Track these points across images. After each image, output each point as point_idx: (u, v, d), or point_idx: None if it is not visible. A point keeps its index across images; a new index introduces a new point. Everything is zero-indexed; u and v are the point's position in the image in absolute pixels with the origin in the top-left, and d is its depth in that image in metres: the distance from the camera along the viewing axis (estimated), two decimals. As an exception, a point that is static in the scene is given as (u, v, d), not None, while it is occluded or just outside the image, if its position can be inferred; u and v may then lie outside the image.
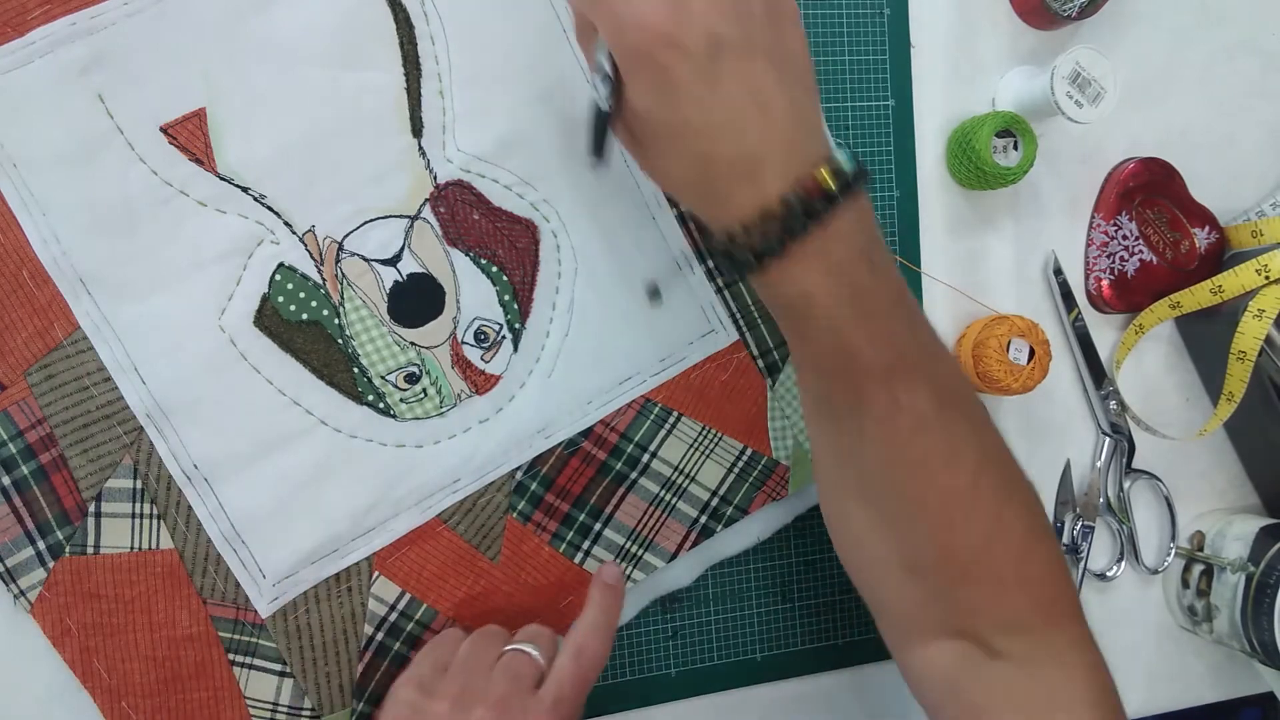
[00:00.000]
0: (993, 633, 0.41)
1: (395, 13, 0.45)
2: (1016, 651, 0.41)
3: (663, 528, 0.52)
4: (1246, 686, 0.65)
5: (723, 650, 0.55)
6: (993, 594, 0.41)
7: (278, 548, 0.47)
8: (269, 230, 0.45)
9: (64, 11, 0.42)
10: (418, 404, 0.48)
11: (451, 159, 0.47)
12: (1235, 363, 0.56)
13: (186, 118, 0.44)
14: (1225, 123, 0.61)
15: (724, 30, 0.35)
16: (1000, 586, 0.41)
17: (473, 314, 0.48)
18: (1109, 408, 0.60)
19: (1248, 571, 0.57)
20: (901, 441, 0.40)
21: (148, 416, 0.45)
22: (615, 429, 0.50)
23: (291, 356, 0.46)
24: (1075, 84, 0.53)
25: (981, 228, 0.58)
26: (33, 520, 0.44)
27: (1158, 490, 0.62)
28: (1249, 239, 0.59)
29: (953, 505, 0.40)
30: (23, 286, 0.43)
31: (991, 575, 0.41)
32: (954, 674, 0.42)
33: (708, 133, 0.36)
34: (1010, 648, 0.41)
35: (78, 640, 0.45)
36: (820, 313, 0.38)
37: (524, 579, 0.50)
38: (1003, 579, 0.41)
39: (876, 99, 0.55)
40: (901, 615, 0.44)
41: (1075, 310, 0.59)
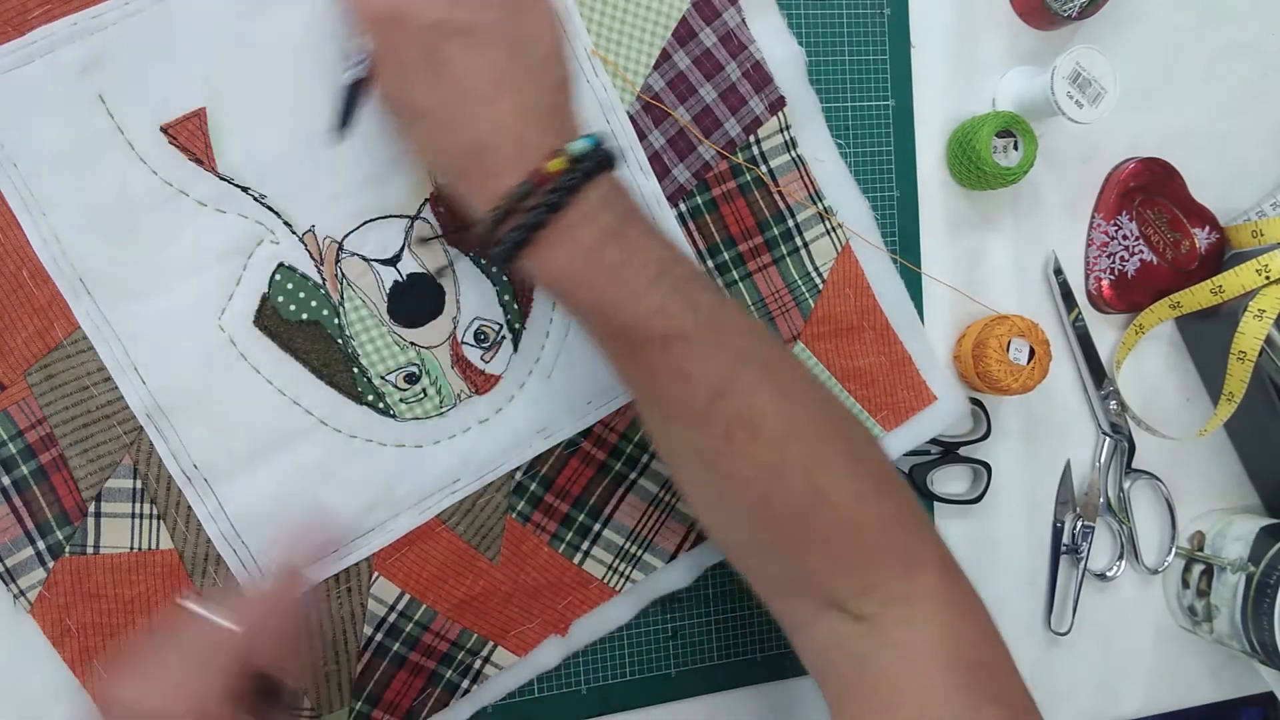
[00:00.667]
0: (849, 597, 0.40)
1: (395, 13, 0.45)
2: (872, 613, 0.39)
3: (662, 528, 0.52)
4: (1246, 686, 0.65)
5: (723, 650, 0.55)
6: (828, 560, 0.40)
7: (278, 548, 0.47)
8: (269, 230, 0.45)
9: (64, 11, 0.42)
10: (417, 404, 0.48)
11: (451, 159, 0.47)
12: (1235, 363, 0.56)
13: (186, 118, 0.44)
14: (1225, 123, 0.61)
15: (449, 15, 0.36)
16: (831, 552, 0.40)
17: (473, 314, 0.48)
18: (1109, 408, 0.60)
19: (1248, 571, 0.57)
20: (700, 415, 0.38)
21: (147, 416, 0.45)
22: (615, 429, 0.50)
23: (291, 356, 0.46)
24: (1075, 84, 0.53)
25: (981, 228, 0.58)
26: (32, 520, 0.44)
27: (1158, 490, 0.62)
28: (1249, 239, 0.59)
29: (767, 479, 0.39)
30: (23, 286, 0.43)
31: (820, 542, 0.40)
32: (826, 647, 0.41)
33: (436, 118, 0.37)
34: (868, 610, 0.39)
35: (77, 640, 0.45)
36: (583, 295, 0.38)
37: (523, 579, 0.50)
38: (831, 544, 0.39)
39: (876, 99, 0.55)
40: (772, 593, 0.43)
41: (1075, 310, 0.59)
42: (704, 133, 0.50)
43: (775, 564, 0.42)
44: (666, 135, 0.49)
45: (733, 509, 0.41)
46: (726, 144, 0.50)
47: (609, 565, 0.51)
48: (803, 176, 0.52)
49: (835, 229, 0.53)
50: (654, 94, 0.49)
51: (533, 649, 0.51)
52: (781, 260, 0.52)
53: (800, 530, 0.39)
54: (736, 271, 0.51)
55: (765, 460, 0.39)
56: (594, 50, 0.48)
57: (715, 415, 0.38)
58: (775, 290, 0.52)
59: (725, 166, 0.50)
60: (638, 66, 0.48)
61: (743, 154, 0.51)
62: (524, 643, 0.50)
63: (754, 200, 0.51)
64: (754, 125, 0.51)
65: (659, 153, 0.49)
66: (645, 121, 0.49)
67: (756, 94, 0.50)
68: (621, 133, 0.49)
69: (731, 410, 0.38)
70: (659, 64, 0.49)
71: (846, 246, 0.53)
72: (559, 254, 0.37)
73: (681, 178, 0.50)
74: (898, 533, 0.40)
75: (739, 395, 0.38)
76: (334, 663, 0.48)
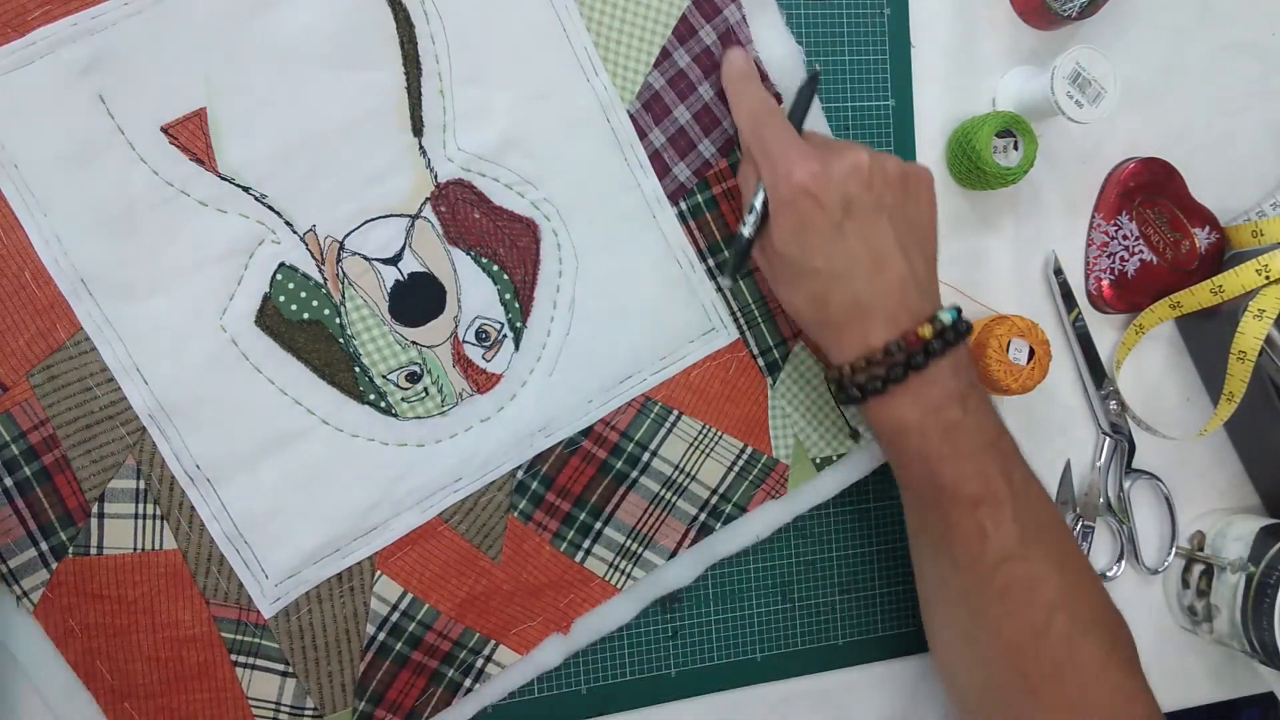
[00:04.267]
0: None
1: (395, 12, 0.45)
2: None
3: (663, 526, 0.52)
4: (1246, 686, 0.65)
5: (723, 650, 0.55)
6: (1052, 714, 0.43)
7: (280, 547, 0.47)
8: (270, 230, 0.45)
9: (64, 12, 0.42)
10: (419, 403, 0.48)
11: (452, 158, 0.47)
12: (1235, 363, 0.56)
13: (187, 118, 0.44)
14: (1225, 123, 0.61)
15: (856, 193, 0.42)
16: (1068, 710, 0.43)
17: (474, 313, 0.48)
18: (1109, 408, 0.60)
19: (1248, 571, 0.57)
20: (986, 571, 0.43)
21: (150, 417, 0.45)
22: (616, 428, 0.51)
23: (293, 356, 0.46)
24: (1075, 84, 0.53)
25: (981, 228, 0.58)
26: (35, 521, 0.44)
27: (1158, 490, 0.62)
28: (1249, 239, 0.59)
29: (1025, 634, 0.43)
30: (25, 288, 0.43)
31: (1059, 699, 0.43)
32: None
33: (828, 277, 0.43)
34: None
35: (81, 641, 0.45)
36: (913, 444, 0.43)
37: (525, 578, 0.50)
38: (1070, 703, 0.43)
39: (876, 99, 0.55)
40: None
41: (1075, 310, 0.59)
42: (703, 131, 0.50)
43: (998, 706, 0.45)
44: (667, 134, 0.49)
45: (982, 650, 0.45)
46: (725, 142, 0.50)
47: (610, 563, 0.51)
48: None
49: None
50: (654, 92, 0.49)
51: (535, 647, 0.51)
52: (782, 260, 0.52)
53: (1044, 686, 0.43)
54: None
55: (1032, 622, 0.43)
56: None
57: (999, 574, 0.43)
58: (776, 290, 0.52)
59: (725, 164, 0.50)
60: (638, 65, 0.48)
61: (741, 153, 0.51)
62: (526, 641, 0.51)
63: (755, 200, 0.51)
64: (754, 125, 0.51)
65: (659, 151, 0.49)
66: (645, 120, 0.49)
67: (757, 93, 0.50)
68: (621, 131, 0.49)
69: (1014, 573, 0.43)
70: (659, 62, 0.49)
71: (847, 246, 0.53)
72: (907, 406, 0.43)
73: (682, 176, 0.50)
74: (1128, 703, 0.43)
75: (1025, 563, 0.43)
76: (337, 662, 0.48)
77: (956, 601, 0.46)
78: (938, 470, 0.43)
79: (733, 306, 0.51)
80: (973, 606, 0.45)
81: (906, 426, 0.43)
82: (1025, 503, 0.44)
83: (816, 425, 0.53)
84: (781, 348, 0.52)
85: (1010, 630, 0.44)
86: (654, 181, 0.50)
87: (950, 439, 0.43)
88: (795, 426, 0.53)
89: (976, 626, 0.45)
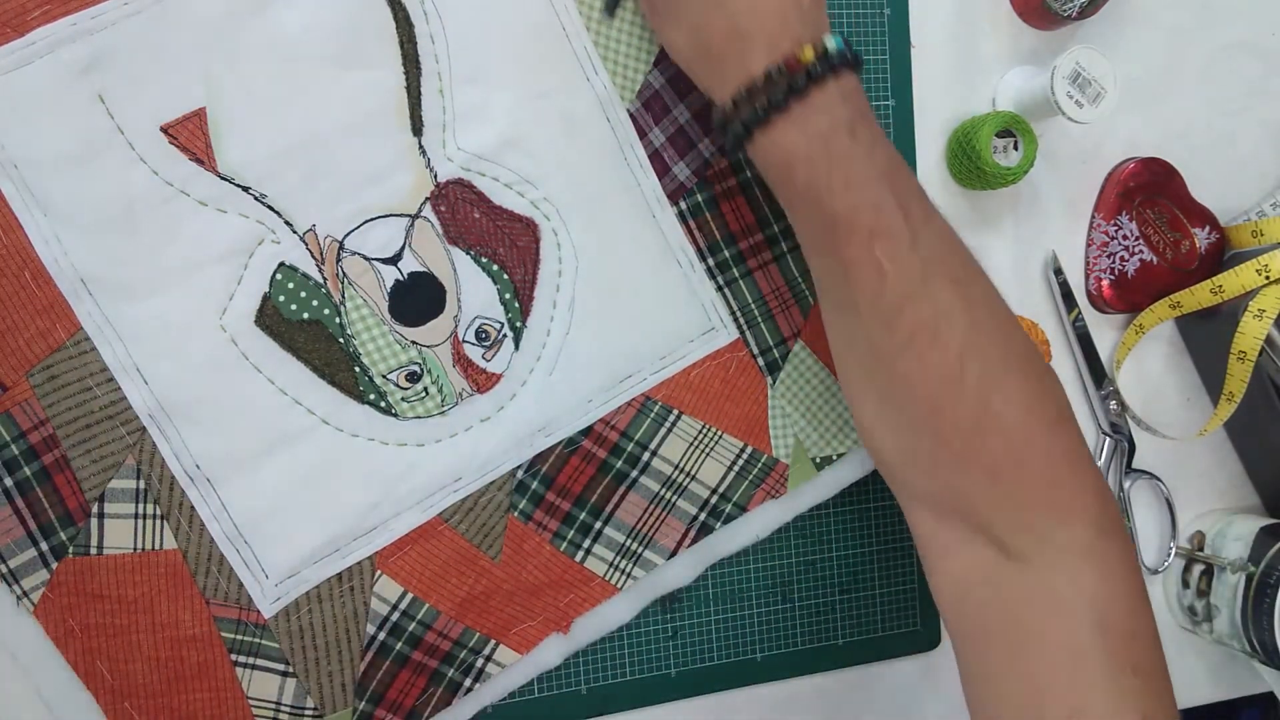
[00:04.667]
0: (1006, 531, 0.40)
1: (395, 12, 0.45)
2: (1026, 553, 0.39)
3: (663, 525, 0.52)
4: (1246, 686, 0.65)
5: (723, 650, 0.55)
6: (990, 485, 0.40)
7: (280, 547, 0.47)
8: (270, 230, 0.45)
9: (64, 12, 0.42)
10: (419, 403, 0.48)
11: (452, 157, 0.47)
12: (1235, 363, 0.56)
13: (187, 117, 0.44)
14: (1225, 123, 0.61)
15: None
16: (995, 478, 0.40)
17: (474, 312, 0.48)
18: (1109, 408, 0.60)
19: (1248, 571, 0.57)
20: (889, 314, 0.40)
21: (150, 417, 0.45)
22: (616, 427, 0.51)
23: (293, 356, 0.46)
24: (1075, 84, 0.53)
25: (981, 228, 0.58)
26: (35, 521, 0.44)
27: (1158, 490, 0.62)
28: (1249, 239, 0.59)
29: (940, 387, 0.39)
30: (25, 288, 0.43)
31: (984, 464, 0.40)
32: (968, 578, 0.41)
33: (705, 5, 0.40)
34: (1023, 548, 0.40)
35: (81, 641, 0.45)
36: (802, 176, 0.40)
37: (525, 578, 0.50)
38: (997, 469, 0.40)
39: (876, 99, 0.55)
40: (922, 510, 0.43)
41: (1075, 310, 0.59)
42: (703, 130, 0.50)
43: (934, 480, 0.42)
44: (666, 133, 0.49)
45: (901, 413, 0.41)
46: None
47: (610, 563, 0.51)
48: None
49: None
50: (654, 91, 0.49)
51: (535, 647, 0.51)
52: (782, 257, 0.52)
53: (966, 448, 0.40)
54: (737, 269, 0.51)
55: (943, 370, 0.39)
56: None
57: (902, 317, 0.39)
58: (776, 287, 0.52)
59: (725, 164, 0.50)
60: (638, 63, 0.48)
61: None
62: (526, 641, 0.51)
63: (754, 197, 0.51)
64: (754, 125, 0.51)
65: (659, 150, 0.49)
66: (645, 119, 0.49)
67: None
68: (621, 130, 0.49)
69: (919, 315, 0.39)
70: (659, 61, 0.49)
71: (847, 246, 0.53)
72: (791, 134, 0.39)
73: (682, 175, 0.50)
74: (1065, 474, 0.40)
75: (928, 301, 0.39)
76: (337, 662, 0.48)
77: (868, 361, 0.42)
78: (828, 202, 0.39)
79: (733, 306, 0.51)
80: (884, 363, 0.41)
81: (793, 158, 0.40)
82: (925, 238, 0.40)
83: (816, 425, 0.53)
84: (781, 347, 0.52)
85: (923, 384, 0.40)
86: (654, 181, 0.50)
87: (840, 168, 0.39)
88: (795, 426, 0.53)
89: (890, 385, 0.41)
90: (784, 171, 0.41)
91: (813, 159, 0.39)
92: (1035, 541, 0.39)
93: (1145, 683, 0.38)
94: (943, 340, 0.39)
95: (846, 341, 0.43)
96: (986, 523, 0.40)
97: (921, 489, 0.43)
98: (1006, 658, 0.39)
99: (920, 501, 0.43)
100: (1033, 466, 0.40)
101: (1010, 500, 0.40)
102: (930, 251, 0.40)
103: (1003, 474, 0.40)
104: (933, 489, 0.42)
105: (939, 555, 0.42)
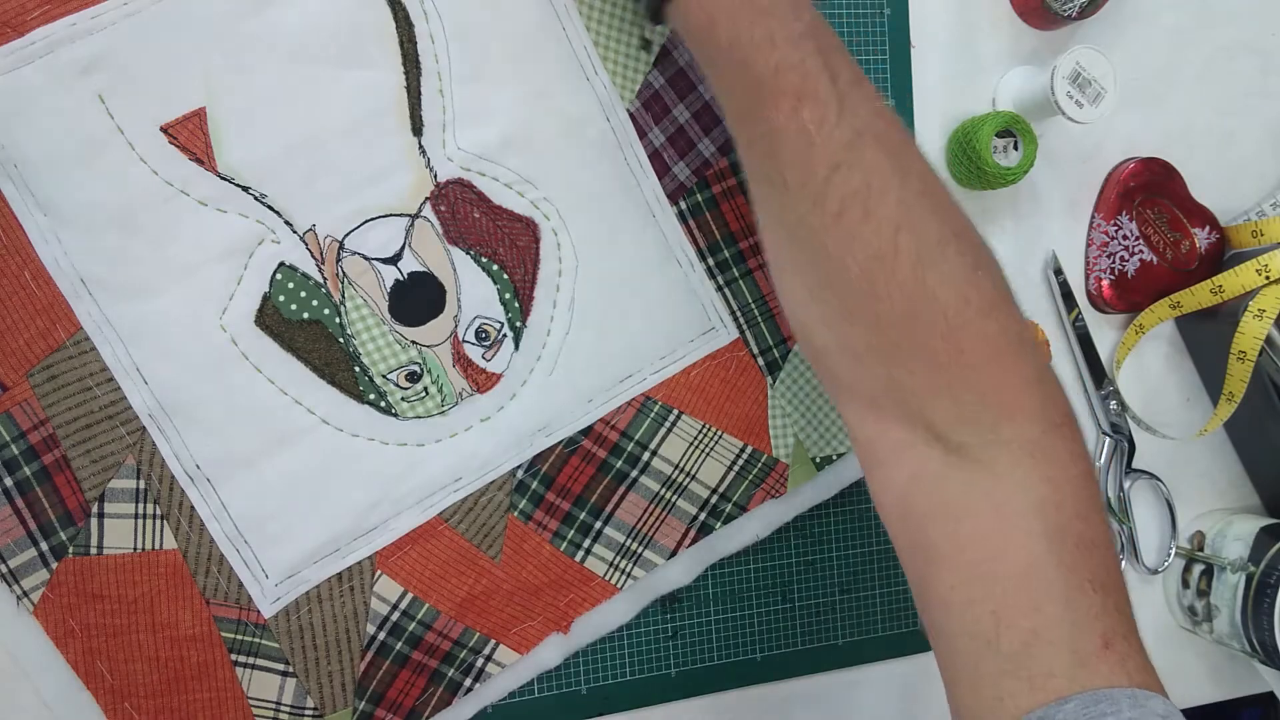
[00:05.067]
0: (947, 424, 0.37)
1: (395, 11, 0.45)
2: (970, 449, 0.37)
3: (663, 525, 0.52)
4: (1246, 686, 0.65)
5: (723, 650, 0.55)
6: (928, 373, 0.37)
7: (280, 547, 0.47)
8: (270, 229, 0.45)
9: (64, 12, 0.42)
10: (419, 403, 0.48)
11: (452, 157, 0.47)
12: (1235, 363, 0.56)
13: (186, 117, 0.44)
14: (1225, 123, 0.61)
15: None
16: (932, 364, 0.37)
17: (474, 312, 0.48)
18: (1109, 408, 0.60)
19: (1248, 571, 0.57)
20: (818, 186, 0.37)
21: (150, 417, 0.45)
22: (616, 427, 0.51)
23: (293, 356, 0.46)
24: (1075, 84, 0.53)
25: (981, 228, 0.57)
26: (35, 521, 0.44)
27: (1158, 490, 0.62)
28: (1249, 239, 0.59)
29: (872, 265, 0.37)
30: (25, 287, 0.43)
31: (922, 350, 0.37)
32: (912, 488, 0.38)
33: None
34: (966, 442, 0.37)
35: (81, 641, 0.45)
36: (723, 34, 0.38)
37: (525, 578, 0.50)
38: (934, 355, 0.37)
39: (877, 99, 0.55)
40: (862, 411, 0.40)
41: (1075, 310, 0.59)
42: (702, 130, 0.50)
43: (871, 372, 0.39)
44: (666, 133, 0.49)
45: (834, 299, 0.39)
46: (725, 141, 0.50)
47: (610, 563, 0.51)
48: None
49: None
50: (654, 91, 0.49)
51: (535, 647, 0.51)
52: (782, 260, 0.52)
53: (903, 333, 0.37)
54: (737, 269, 0.51)
55: (875, 245, 0.36)
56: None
57: (831, 188, 0.37)
58: (776, 289, 0.52)
59: (725, 164, 0.50)
60: (637, 64, 0.48)
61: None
62: (526, 640, 0.51)
63: (755, 199, 0.51)
64: (754, 125, 0.51)
65: (659, 150, 0.49)
66: (645, 119, 0.49)
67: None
68: (621, 130, 0.49)
69: (849, 185, 0.37)
70: (658, 61, 0.49)
71: (847, 246, 0.53)
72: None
73: (682, 175, 0.50)
74: (1007, 362, 0.37)
75: (858, 170, 0.37)
76: (337, 662, 0.48)
77: (798, 240, 0.39)
78: (752, 60, 0.37)
79: (732, 305, 0.51)
80: (814, 241, 0.38)
81: (714, 15, 0.38)
82: (854, 102, 0.37)
83: (816, 424, 0.53)
84: (781, 347, 0.52)
85: (855, 262, 0.37)
86: (654, 181, 0.50)
87: (764, 22, 0.37)
88: (795, 426, 0.53)
89: (821, 266, 0.38)
90: (706, 29, 0.39)
91: (735, 11, 0.37)
92: (978, 436, 0.37)
93: (1104, 598, 0.35)
94: (875, 214, 0.36)
95: (776, 220, 0.40)
96: (926, 416, 0.37)
97: (857, 382, 0.40)
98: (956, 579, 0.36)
99: (857, 398, 0.40)
100: (972, 352, 0.37)
101: (949, 389, 0.37)
102: (860, 119, 0.37)
103: (940, 360, 0.37)
104: (868, 381, 0.39)
105: (879, 462, 0.40)
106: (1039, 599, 0.35)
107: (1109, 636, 0.34)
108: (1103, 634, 0.34)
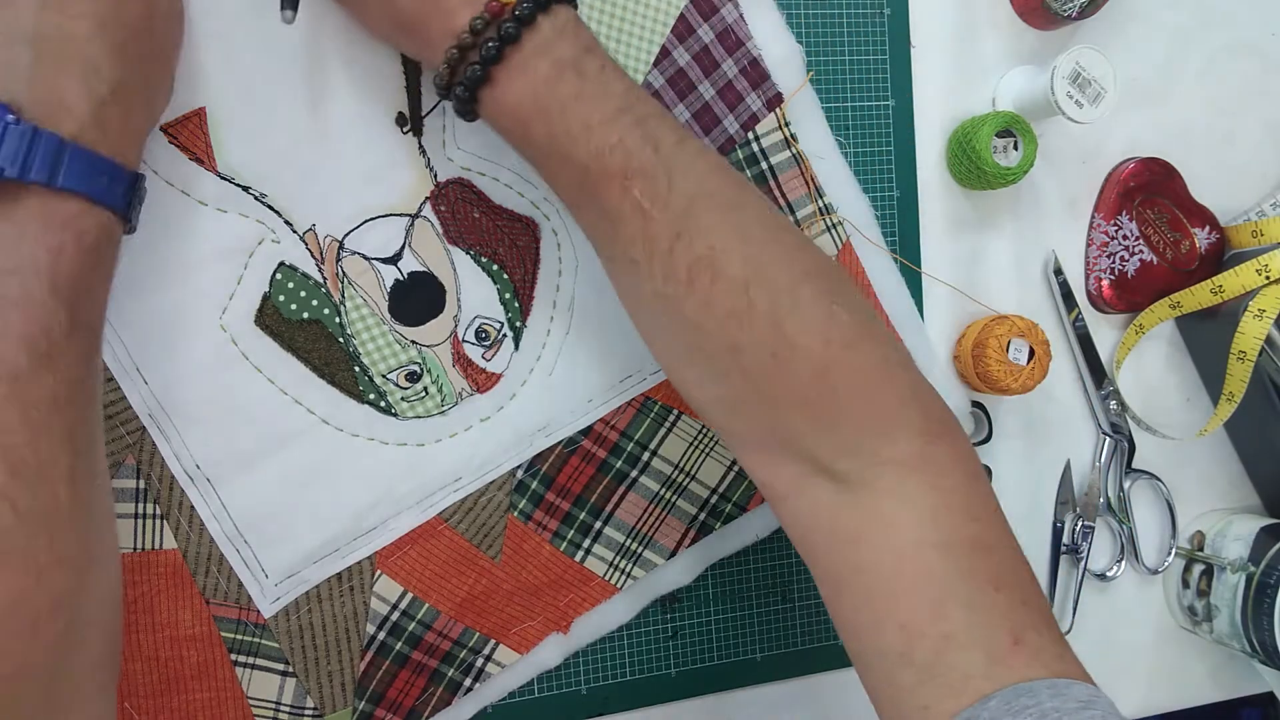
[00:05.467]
0: (831, 457, 0.38)
1: (396, 12, 0.45)
2: (855, 475, 0.37)
3: (662, 525, 0.52)
4: (1246, 686, 0.65)
5: (723, 650, 0.55)
6: (805, 415, 0.38)
7: (280, 547, 0.47)
8: (270, 229, 0.45)
9: (65, 11, 0.42)
10: (419, 402, 0.48)
11: (452, 157, 0.47)
12: (1235, 363, 0.56)
13: (187, 117, 0.44)
14: (1225, 123, 0.61)
15: None
16: (807, 406, 0.38)
17: (474, 312, 0.48)
18: (1109, 408, 0.60)
19: (1248, 571, 0.57)
20: (663, 258, 0.37)
21: (150, 417, 0.45)
22: (615, 427, 0.51)
23: (293, 355, 0.46)
24: (1075, 84, 0.53)
25: (981, 228, 0.58)
26: (34, 519, 0.44)
27: (1158, 490, 0.62)
28: (1249, 239, 0.59)
29: (732, 324, 0.37)
30: (24, 286, 0.43)
31: (794, 395, 0.38)
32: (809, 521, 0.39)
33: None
34: (850, 471, 0.37)
35: (79, 639, 0.45)
36: (540, 131, 0.37)
37: (525, 578, 0.50)
38: (806, 398, 0.37)
39: (876, 99, 0.55)
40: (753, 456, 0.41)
41: (1075, 310, 0.59)
42: (703, 130, 0.50)
43: (751, 421, 0.40)
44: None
45: (702, 360, 0.39)
46: (725, 141, 0.50)
47: (610, 562, 0.51)
48: (803, 173, 0.52)
49: (835, 226, 0.53)
50: (654, 91, 0.49)
51: (534, 647, 0.51)
52: (782, 260, 0.52)
53: (773, 382, 0.38)
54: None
55: (729, 306, 0.37)
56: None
57: (676, 257, 0.37)
58: (776, 290, 0.52)
59: (726, 166, 0.50)
60: (638, 64, 0.48)
61: (742, 150, 0.51)
62: (526, 640, 0.51)
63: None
64: (751, 122, 0.51)
65: (659, 152, 0.49)
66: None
67: (753, 90, 0.50)
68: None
69: (693, 252, 0.37)
70: (659, 61, 0.49)
71: (847, 244, 0.53)
72: (515, 87, 0.37)
73: (682, 177, 0.50)
74: (876, 386, 0.38)
75: (700, 236, 0.37)
76: (337, 662, 0.48)
77: (659, 313, 0.39)
78: (572, 151, 0.37)
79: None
80: (673, 311, 0.38)
81: (525, 113, 0.37)
82: (681, 165, 0.37)
83: (816, 425, 0.53)
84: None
85: (715, 324, 0.37)
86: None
87: (576, 112, 0.37)
88: (795, 426, 0.53)
89: (686, 333, 0.38)
90: (521, 129, 0.38)
91: (545, 108, 0.37)
92: (859, 462, 0.37)
93: (1009, 595, 0.35)
94: (723, 274, 0.37)
95: (633, 295, 0.41)
96: (810, 453, 0.38)
97: (742, 431, 0.40)
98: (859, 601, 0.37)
99: (745, 444, 0.41)
100: (842, 386, 0.37)
101: (826, 425, 0.38)
102: (691, 181, 0.37)
103: (812, 401, 0.37)
104: (751, 429, 0.40)
105: (779, 499, 0.40)
106: (944, 606, 0.35)
107: (1018, 632, 0.34)
108: (1011, 631, 0.35)
